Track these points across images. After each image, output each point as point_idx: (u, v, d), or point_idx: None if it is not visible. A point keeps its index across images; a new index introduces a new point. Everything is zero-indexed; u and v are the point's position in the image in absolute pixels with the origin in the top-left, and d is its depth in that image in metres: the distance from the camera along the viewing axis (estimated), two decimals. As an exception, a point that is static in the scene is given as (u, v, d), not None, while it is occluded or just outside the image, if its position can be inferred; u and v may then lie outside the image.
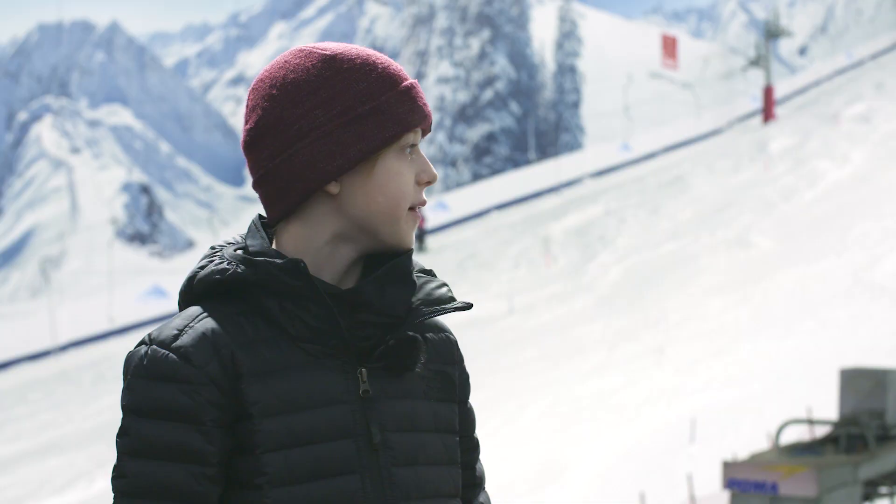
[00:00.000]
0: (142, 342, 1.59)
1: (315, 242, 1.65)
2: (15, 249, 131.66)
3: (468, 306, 1.70)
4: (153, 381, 1.55)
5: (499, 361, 19.23)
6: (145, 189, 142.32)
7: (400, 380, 1.67)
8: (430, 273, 1.74)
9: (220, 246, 1.69)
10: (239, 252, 1.65)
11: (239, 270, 1.61)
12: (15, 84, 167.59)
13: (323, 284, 1.63)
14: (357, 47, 1.69)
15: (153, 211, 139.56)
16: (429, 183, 1.66)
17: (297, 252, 1.65)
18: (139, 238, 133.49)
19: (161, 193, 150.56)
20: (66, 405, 21.96)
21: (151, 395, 1.55)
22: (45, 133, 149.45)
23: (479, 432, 14.60)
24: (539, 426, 15.05)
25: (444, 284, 1.73)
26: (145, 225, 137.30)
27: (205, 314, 1.60)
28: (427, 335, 1.73)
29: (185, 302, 1.66)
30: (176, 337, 1.57)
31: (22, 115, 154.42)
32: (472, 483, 1.79)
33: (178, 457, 1.54)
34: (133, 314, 31.46)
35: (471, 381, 1.82)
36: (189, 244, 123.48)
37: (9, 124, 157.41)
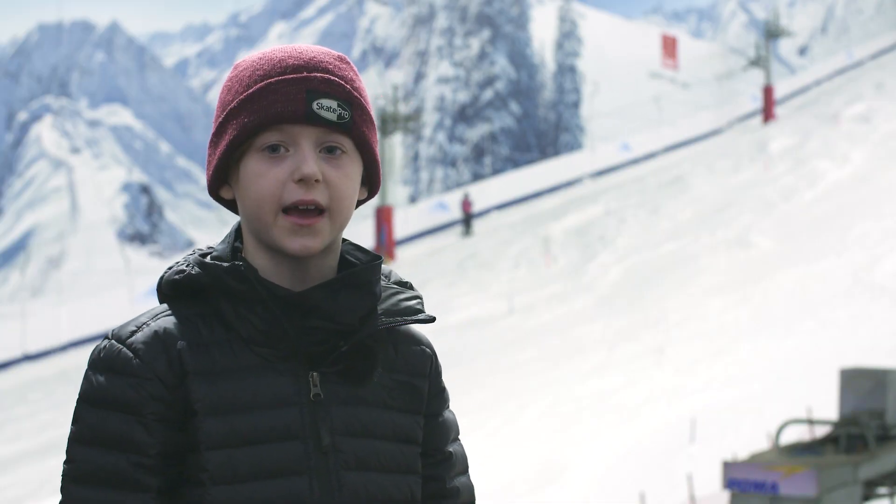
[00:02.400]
0: (105, 336, 1.67)
1: (252, 247, 1.69)
2: (15, 249, 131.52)
3: (431, 319, 1.71)
4: (104, 373, 1.63)
5: (499, 361, 19.22)
6: (145, 189, 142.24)
7: (357, 387, 1.67)
8: (405, 285, 1.75)
9: (198, 249, 1.74)
10: (199, 256, 1.71)
11: (193, 273, 1.67)
12: (15, 84, 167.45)
13: (275, 288, 1.64)
14: (263, 53, 1.70)
15: (153, 211, 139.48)
16: (302, 180, 1.62)
17: (252, 255, 1.69)
18: (139, 238, 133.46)
19: (161, 193, 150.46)
20: (66, 405, 21.95)
21: (101, 386, 1.63)
22: (45, 133, 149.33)
23: (480, 432, 14.61)
24: (539, 426, 15.05)
25: (416, 297, 1.73)
26: (145, 225, 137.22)
27: (165, 313, 1.68)
28: (400, 346, 1.74)
29: (160, 300, 1.74)
30: (132, 333, 1.65)
31: (22, 115, 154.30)
32: (444, 495, 1.77)
33: (118, 446, 1.61)
34: (133, 314, 31.40)
35: (471, 381, 1.81)
36: (189, 244, 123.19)
37: (9, 124, 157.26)
